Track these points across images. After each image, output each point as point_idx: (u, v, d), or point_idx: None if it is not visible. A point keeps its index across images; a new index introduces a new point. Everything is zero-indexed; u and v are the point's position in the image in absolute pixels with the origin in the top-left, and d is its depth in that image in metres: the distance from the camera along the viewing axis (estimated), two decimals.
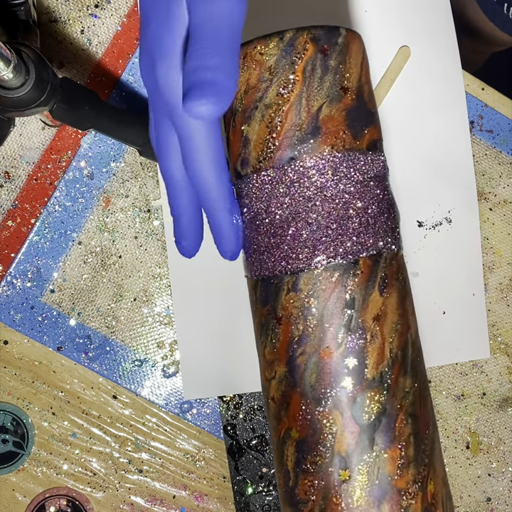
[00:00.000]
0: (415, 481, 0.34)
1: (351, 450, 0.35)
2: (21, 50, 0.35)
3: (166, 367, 0.51)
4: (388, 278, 0.36)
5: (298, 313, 0.36)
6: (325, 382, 0.35)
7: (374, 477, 0.34)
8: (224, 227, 0.35)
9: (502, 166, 0.53)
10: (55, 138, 0.50)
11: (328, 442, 0.35)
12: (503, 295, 0.53)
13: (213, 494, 0.52)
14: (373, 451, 0.34)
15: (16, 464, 0.50)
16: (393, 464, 0.34)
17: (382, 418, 0.34)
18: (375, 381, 0.35)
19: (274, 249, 0.37)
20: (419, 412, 0.36)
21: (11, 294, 0.50)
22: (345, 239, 0.35)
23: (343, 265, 0.35)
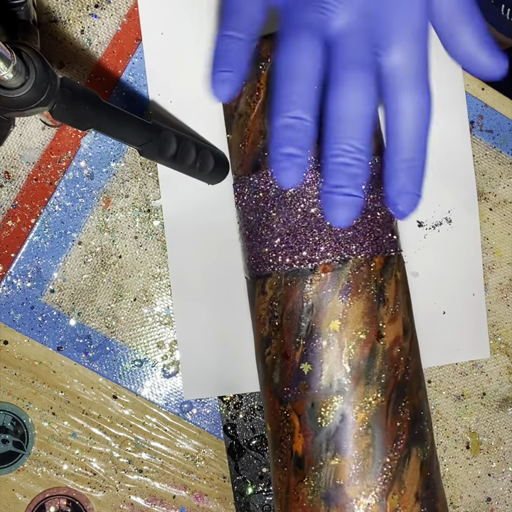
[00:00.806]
0: (372, 492, 0.34)
1: (306, 452, 0.35)
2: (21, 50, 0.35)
3: (166, 367, 0.51)
4: (353, 286, 0.35)
5: (265, 315, 0.37)
6: (286, 383, 0.36)
7: (326, 482, 0.34)
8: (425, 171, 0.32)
9: (502, 166, 0.53)
10: (55, 138, 0.50)
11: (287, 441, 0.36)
12: (503, 295, 0.53)
13: (213, 494, 0.52)
14: (327, 456, 0.34)
15: (16, 464, 0.50)
16: (345, 472, 0.34)
17: (338, 425, 0.34)
18: (331, 388, 0.35)
19: (249, 253, 0.38)
20: (386, 424, 0.35)
21: (11, 294, 0.50)
22: (304, 246, 0.35)
23: (301, 271, 0.35)
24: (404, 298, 0.37)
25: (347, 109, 0.28)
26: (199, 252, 0.50)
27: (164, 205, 0.50)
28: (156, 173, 0.50)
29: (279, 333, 0.37)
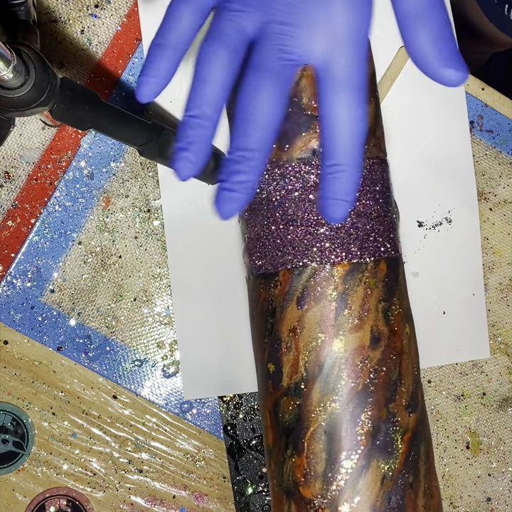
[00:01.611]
0: (323, 496, 0.34)
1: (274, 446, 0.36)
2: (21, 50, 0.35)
3: (166, 367, 0.51)
4: (309, 293, 0.35)
5: (249, 313, 0.40)
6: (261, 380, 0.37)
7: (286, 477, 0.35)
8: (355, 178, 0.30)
9: (502, 166, 0.53)
10: (55, 138, 0.50)
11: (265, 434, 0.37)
12: (503, 295, 0.53)
13: (213, 494, 0.52)
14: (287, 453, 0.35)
15: (16, 464, 0.50)
16: (300, 472, 0.35)
17: (295, 426, 0.35)
18: (290, 390, 0.35)
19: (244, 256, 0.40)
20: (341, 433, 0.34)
21: (11, 294, 0.50)
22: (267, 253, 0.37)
23: (265, 276, 0.37)
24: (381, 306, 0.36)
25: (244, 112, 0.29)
26: (199, 252, 0.50)
27: (164, 205, 0.50)
28: (156, 173, 0.50)
29: (253, 330, 0.39)
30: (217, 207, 0.30)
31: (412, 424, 0.35)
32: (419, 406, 0.35)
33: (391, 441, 0.35)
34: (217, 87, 0.30)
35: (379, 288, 0.36)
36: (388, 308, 0.36)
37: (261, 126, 0.29)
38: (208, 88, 0.30)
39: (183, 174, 0.30)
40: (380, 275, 0.36)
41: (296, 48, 0.29)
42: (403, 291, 0.37)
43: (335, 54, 0.29)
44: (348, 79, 0.29)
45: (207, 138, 0.30)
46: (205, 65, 0.30)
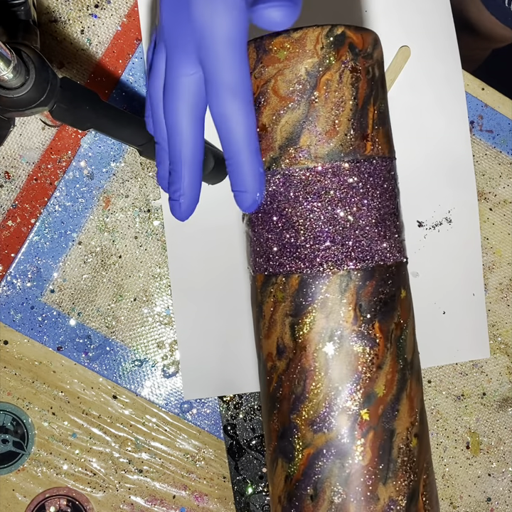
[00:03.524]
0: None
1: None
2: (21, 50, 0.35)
3: (166, 367, 0.51)
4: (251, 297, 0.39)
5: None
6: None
7: None
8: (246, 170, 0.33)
9: (502, 166, 0.53)
10: (55, 138, 0.50)
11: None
12: (503, 295, 0.53)
13: (213, 494, 0.52)
14: None
15: (16, 464, 0.50)
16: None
17: None
18: None
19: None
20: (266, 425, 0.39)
21: (11, 294, 0.50)
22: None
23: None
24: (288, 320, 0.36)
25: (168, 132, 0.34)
26: (199, 252, 0.50)
27: (164, 205, 0.50)
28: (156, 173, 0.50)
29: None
30: (172, 214, 0.36)
31: (319, 444, 0.35)
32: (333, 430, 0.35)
33: (292, 448, 0.36)
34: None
35: (286, 303, 0.36)
36: (296, 323, 0.36)
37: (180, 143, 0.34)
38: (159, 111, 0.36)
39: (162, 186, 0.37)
40: (290, 290, 0.36)
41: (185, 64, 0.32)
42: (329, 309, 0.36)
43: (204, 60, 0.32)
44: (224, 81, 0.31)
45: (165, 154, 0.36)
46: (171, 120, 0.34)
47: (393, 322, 0.36)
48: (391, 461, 0.35)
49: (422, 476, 0.36)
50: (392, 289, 0.36)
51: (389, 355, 0.35)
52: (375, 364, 0.35)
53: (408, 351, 0.36)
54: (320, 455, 0.35)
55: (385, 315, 0.36)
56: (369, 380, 0.35)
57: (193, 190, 0.35)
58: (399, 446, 0.35)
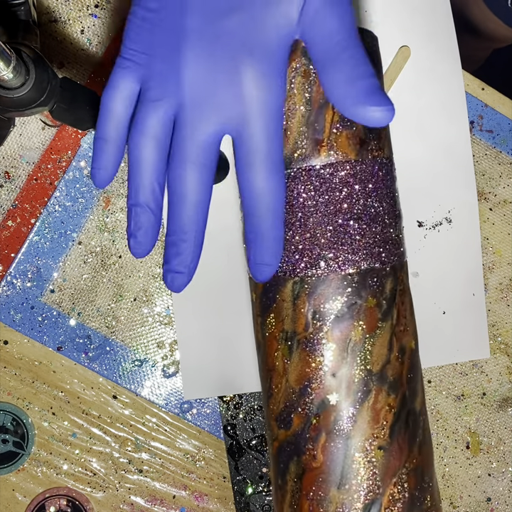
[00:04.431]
0: None
1: None
2: (21, 50, 0.35)
3: (166, 367, 0.51)
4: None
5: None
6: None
7: None
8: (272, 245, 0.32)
9: (502, 166, 0.53)
10: (55, 138, 0.50)
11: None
12: (503, 295, 0.53)
13: (213, 494, 0.52)
14: None
15: (16, 464, 0.50)
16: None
17: None
18: None
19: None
20: None
21: (11, 294, 0.50)
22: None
23: None
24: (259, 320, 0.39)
25: (174, 196, 0.31)
26: None
27: (164, 205, 0.50)
28: None
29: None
30: (167, 285, 0.33)
31: (281, 438, 0.37)
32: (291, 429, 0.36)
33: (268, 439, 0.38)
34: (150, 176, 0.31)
35: (256, 303, 0.38)
36: (263, 323, 0.37)
37: (189, 210, 0.31)
38: (142, 178, 0.31)
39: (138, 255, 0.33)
40: (258, 291, 0.38)
41: (211, 128, 0.30)
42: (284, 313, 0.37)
43: (247, 130, 0.30)
44: (262, 154, 0.30)
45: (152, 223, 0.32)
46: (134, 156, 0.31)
47: (352, 332, 0.36)
48: (345, 468, 0.35)
49: (388, 489, 0.35)
50: (352, 296, 0.35)
51: (345, 364, 0.35)
52: (327, 372, 0.35)
53: (374, 362, 0.35)
54: (282, 449, 0.37)
55: (341, 324, 0.36)
56: (321, 386, 0.35)
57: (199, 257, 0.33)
58: (355, 455, 0.35)
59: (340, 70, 0.29)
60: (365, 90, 0.29)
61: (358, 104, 0.29)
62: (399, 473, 0.35)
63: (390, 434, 0.35)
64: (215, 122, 0.30)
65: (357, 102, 0.29)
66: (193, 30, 0.29)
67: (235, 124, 0.30)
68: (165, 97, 0.30)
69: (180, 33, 0.30)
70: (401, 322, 0.37)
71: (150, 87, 0.31)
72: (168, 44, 0.30)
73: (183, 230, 0.31)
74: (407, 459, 0.36)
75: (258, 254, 0.32)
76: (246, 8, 0.29)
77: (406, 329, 0.37)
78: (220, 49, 0.29)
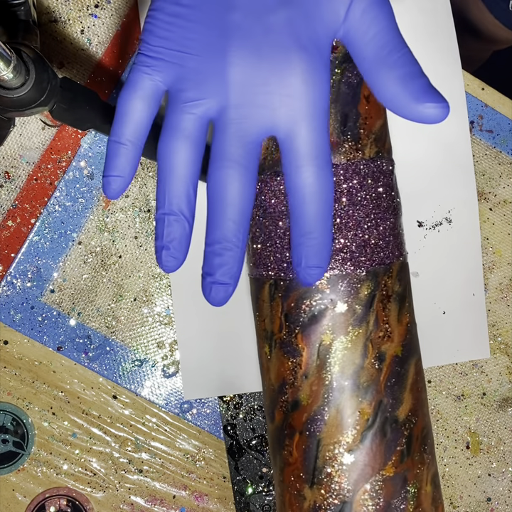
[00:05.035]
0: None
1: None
2: (21, 50, 0.35)
3: (166, 367, 0.51)
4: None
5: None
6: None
7: None
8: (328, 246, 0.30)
9: (502, 166, 0.53)
10: (55, 138, 0.50)
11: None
12: (503, 295, 0.53)
13: (213, 494, 0.52)
14: None
15: (16, 464, 0.50)
16: None
17: None
18: None
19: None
20: None
21: (11, 294, 0.50)
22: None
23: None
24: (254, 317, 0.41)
25: (217, 203, 0.29)
26: (199, 252, 0.50)
27: None
28: (156, 173, 0.50)
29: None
30: (208, 299, 0.31)
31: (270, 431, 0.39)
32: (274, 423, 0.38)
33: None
34: (184, 181, 0.29)
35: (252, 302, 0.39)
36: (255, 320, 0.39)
37: (234, 215, 0.29)
38: (175, 184, 0.29)
39: (169, 269, 0.30)
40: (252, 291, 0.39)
41: (257, 128, 0.29)
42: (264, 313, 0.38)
43: (296, 128, 0.29)
44: (312, 152, 0.29)
45: (186, 233, 0.30)
46: (167, 162, 0.29)
47: (321, 336, 0.36)
48: (316, 468, 0.36)
49: (359, 494, 0.35)
50: (321, 301, 0.35)
51: (315, 367, 0.36)
52: (299, 373, 0.36)
53: (345, 367, 0.35)
54: (272, 441, 0.38)
55: (311, 328, 0.36)
56: (294, 386, 0.36)
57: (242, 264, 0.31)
58: (325, 457, 0.35)
59: (393, 69, 0.29)
60: (420, 88, 0.29)
61: (414, 103, 0.29)
62: (372, 479, 0.35)
63: (362, 439, 0.35)
64: (262, 122, 0.29)
65: (412, 100, 0.29)
66: (239, 27, 0.28)
67: (285, 123, 0.29)
68: (205, 97, 0.29)
69: (224, 30, 0.28)
70: (381, 328, 0.35)
71: (186, 87, 0.29)
72: (209, 41, 0.28)
73: (227, 238, 0.29)
74: (381, 467, 0.35)
75: (310, 257, 0.30)
76: (294, 3, 0.28)
77: (387, 335, 0.36)
78: (268, 45, 0.28)
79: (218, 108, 0.29)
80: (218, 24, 0.28)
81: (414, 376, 0.37)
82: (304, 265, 0.30)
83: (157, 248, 0.30)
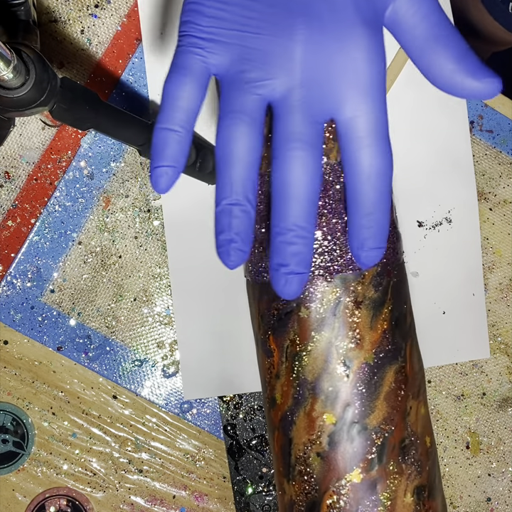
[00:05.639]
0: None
1: None
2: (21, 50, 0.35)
3: (166, 367, 0.51)
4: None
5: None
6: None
7: None
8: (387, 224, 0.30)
9: (502, 166, 0.53)
10: (55, 138, 0.50)
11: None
12: (503, 295, 0.53)
13: (213, 494, 0.52)
14: None
15: (16, 464, 0.50)
16: None
17: None
18: None
19: None
20: None
21: (11, 294, 0.50)
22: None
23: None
24: None
25: (287, 188, 0.28)
26: (199, 251, 0.50)
27: (164, 205, 0.50)
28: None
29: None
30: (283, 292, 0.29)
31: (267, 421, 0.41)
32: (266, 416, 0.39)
33: None
34: (250, 168, 0.28)
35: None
36: None
37: (304, 201, 0.28)
38: (240, 171, 0.28)
39: (235, 264, 0.29)
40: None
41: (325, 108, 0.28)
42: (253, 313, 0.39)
43: (359, 108, 0.28)
44: (375, 132, 0.29)
45: (252, 223, 0.28)
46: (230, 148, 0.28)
47: (288, 339, 0.36)
48: (290, 465, 0.36)
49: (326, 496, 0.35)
50: (287, 305, 0.35)
51: (284, 368, 0.36)
52: (273, 373, 0.37)
53: (309, 372, 0.35)
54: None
55: (279, 330, 0.36)
56: (271, 385, 0.37)
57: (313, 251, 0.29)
58: (296, 455, 0.36)
59: (448, 47, 0.29)
60: (475, 65, 0.29)
61: (471, 79, 0.29)
62: (338, 484, 0.35)
63: (329, 443, 0.35)
64: (329, 101, 0.28)
65: (469, 76, 0.29)
66: (304, 4, 0.27)
67: (349, 102, 0.28)
68: (272, 78, 0.27)
69: (288, 8, 0.27)
70: (347, 335, 0.35)
71: (249, 68, 0.28)
72: (272, 20, 0.27)
73: (299, 225, 0.28)
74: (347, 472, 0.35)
75: (372, 239, 0.29)
76: None
77: (356, 342, 0.35)
78: (333, 22, 0.28)
79: (285, 88, 0.28)
80: (281, 2, 0.27)
81: (393, 385, 0.35)
82: (367, 248, 0.29)
83: (222, 242, 0.28)
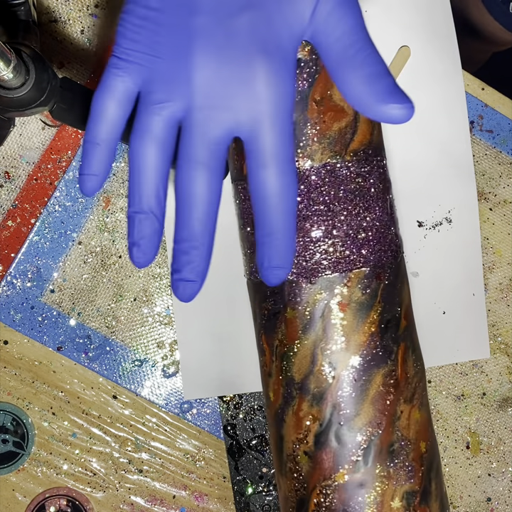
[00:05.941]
0: None
1: None
2: (21, 50, 0.35)
3: (166, 367, 0.51)
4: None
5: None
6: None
7: None
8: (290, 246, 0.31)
9: (502, 166, 0.53)
10: (55, 138, 0.50)
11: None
12: (503, 295, 0.53)
13: (213, 494, 0.52)
14: None
15: (16, 464, 0.50)
16: None
17: None
18: None
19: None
20: None
21: (11, 294, 0.50)
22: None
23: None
24: None
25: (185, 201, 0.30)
26: None
27: None
28: None
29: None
30: (176, 295, 0.31)
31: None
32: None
33: None
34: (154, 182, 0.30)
35: None
36: None
37: (200, 215, 0.30)
38: (145, 184, 0.30)
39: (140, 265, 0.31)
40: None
41: (221, 130, 0.29)
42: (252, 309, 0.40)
43: (258, 130, 0.29)
44: (275, 153, 0.29)
45: (156, 230, 0.30)
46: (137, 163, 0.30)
47: (277, 339, 0.36)
48: (283, 461, 0.37)
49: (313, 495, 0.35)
50: (275, 306, 0.36)
51: (275, 367, 0.36)
52: (266, 371, 0.37)
53: (296, 372, 0.35)
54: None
55: (268, 329, 0.37)
56: (265, 382, 0.38)
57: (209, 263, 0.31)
58: (287, 452, 0.37)
59: (358, 69, 0.29)
60: (385, 88, 0.29)
61: (379, 103, 0.29)
62: (324, 483, 0.35)
63: (315, 443, 0.35)
64: (226, 124, 0.29)
65: (378, 100, 0.29)
66: (202, 29, 0.29)
67: (247, 125, 0.29)
68: (172, 99, 0.29)
69: (189, 33, 0.29)
70: (331, 337, 0.35)
71: (154, 89, 0.30)
72: (175, 44, 0.29)
73: (193, 237, 0.30)
74: (333, 472, 0.35)
75: (273, 258, 0.30)
76: (257, 7, 0.29)
77: (342, 345, 0.35)
78: (230, 49, 0.29)
79: (184, 110, 0.29)
80: (184, 28, 0.29)
81: (381, 388, 0.35)
82: (267, 265, 0.31)
83: (129, 245, 0.31)
